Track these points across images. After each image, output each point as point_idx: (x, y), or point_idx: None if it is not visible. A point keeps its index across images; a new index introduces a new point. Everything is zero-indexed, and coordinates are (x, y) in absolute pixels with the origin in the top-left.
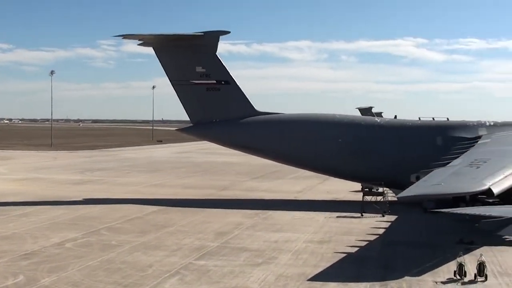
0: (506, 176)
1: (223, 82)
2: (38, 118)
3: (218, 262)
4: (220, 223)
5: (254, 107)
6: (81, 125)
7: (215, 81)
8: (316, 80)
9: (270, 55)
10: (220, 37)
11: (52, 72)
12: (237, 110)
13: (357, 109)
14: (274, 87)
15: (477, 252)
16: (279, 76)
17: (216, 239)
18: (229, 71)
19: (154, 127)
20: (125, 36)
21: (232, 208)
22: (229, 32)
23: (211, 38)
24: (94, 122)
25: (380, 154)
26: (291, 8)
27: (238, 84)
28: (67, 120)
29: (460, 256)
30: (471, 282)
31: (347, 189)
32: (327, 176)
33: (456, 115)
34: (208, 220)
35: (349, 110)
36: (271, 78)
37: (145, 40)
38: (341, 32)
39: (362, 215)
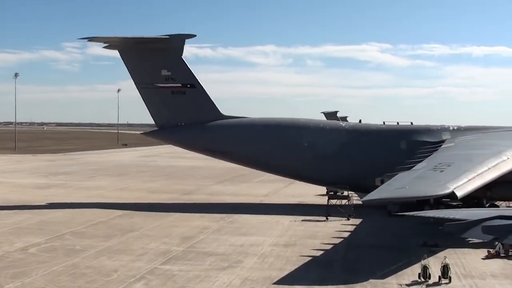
0: (469, 180)
1: (188, 86)
2: (1, 121)
3: (184, 267)
4: (186, 227)
5: (220, 111)
6: (45, 128)
7: (180, 85)
8: (281, 84)
9: (236, 59)
10: (186, 40)
11: (16, 75)
12: (203, 114)
13: (323, 114)
14: (239, 91)
15: (441, 254)
16: (245, 80)
17: (181, 243)
18: (194, 74)
19: (119, 131)
20: (91, 39)
21: (197, 212)
22: (195, 36)
23: (177, 41)
24: (59, 125)
25: (345, 158)
26: (256, 12)
27: (203, 87)
28: (31, 123)
29: (425, 258)
30: (435, 284)
31: (312, 193)
32: (293, 180)
33: (420, 120)
34: (173, 225)
35: (315, 114)
36: (237, 82)
37: (111, 43)
38: (306, 37)
39: (327, 218)
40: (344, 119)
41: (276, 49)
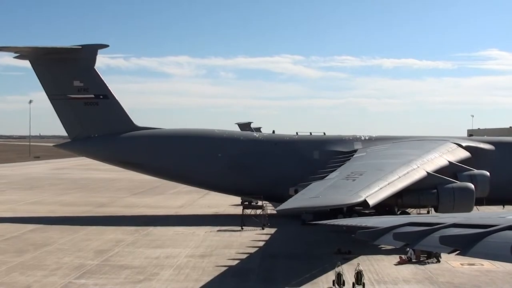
0: (381, 188)
1: (101, 97)
2: None
3: (99, 281)
4: (100, 240)
5: (134, 122)
6: None
7: (93, 96)
8: (195, 95)
9: (150, 69)
10: (99, 50)
11: None
12: (116, 125)
13: (237, 124)
14: (154, 102)
15: (355, 261)
16: (159, 91)
17: (96, 257)
18: (107, 85)
19: (31, 143)
20: (0, 48)
21: (112, 225)
22: (107, 46)
23: (89, 51)
24: None
25: (259, 168)
26: (170, 23)
27: (117, 98)
28: None
29: (338, 266)
30: None
31: (227, 203)
32: (208, 191)
33: (332, 130)
34: (88, 238)
35: (229, 125)
36: (151, 93)
37: (21, 53)
38: (219, 49)
39: (242, 228)
40: (258, 130)
41: (190, 60)
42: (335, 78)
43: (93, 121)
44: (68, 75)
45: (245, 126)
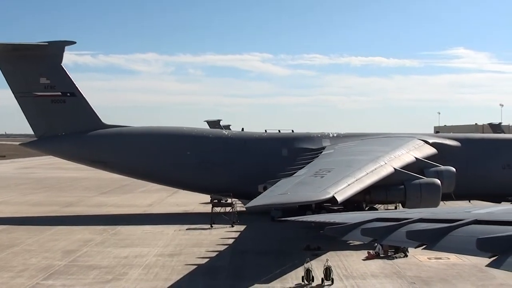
0: (349, 185)
1: (68, 94)
2: None
3: (67, 282)
4: (68, 240)
5: (101, 120)
6: None
7: (60, 93)
8: (164, 93)
9: (117, 66)
10: (66, 47)
11: None
12: (84, 123)
13: (206, 122)
14: (122, 100)
15: (324, 257)
16: (127, 89)
17: (64, 257)
18: (75, 82)
19: None
20: None
21: (80, 225)
22: (74, 43)
23: (56, 48)
24: None
25: (228, 165)
26: (138, 20)
27: (84, 96)
28: None
29: (307, 262)
30: (318, 286)
31: (196, 201)
32: (177, 189)
33: (301, 127)
34: (55, 238)
35: (198, 123)
36: (119, 90)
37: None
38: (187, 46)
39: (211, 226)
40: (227, 127)
41: (158, 57)
42: (303, 76)
43: (60, 119)
44: (34, 72)
45: (214, 124)
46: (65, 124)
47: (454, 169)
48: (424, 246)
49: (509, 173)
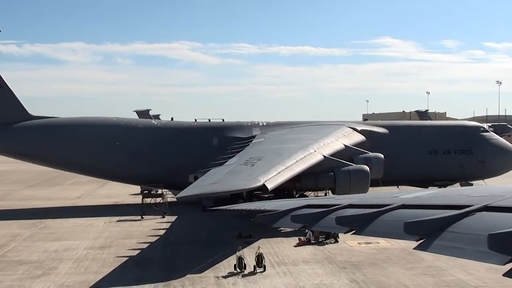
0: (279, 172)
1: None
2: None
3: None
4: None
5: (28, 111)
6: None
7: None
8: (92, 82)
9: (44, 56)
10: None
11: None
12: (9, 115)
13: (135, 112)
14: (49, 90)
15: (255, 245)
16: (54, 79)
17: None
18: None
19: None
20: None
21: (7, 219)
22: None
23: None
24: None
25: (158, 156)
26: (65, 8)
27: (9, 86)
28: None
29: (239, 250)
30: (251, 273)
31: (126, 193)
32: (106, 180)
33: (231, 116)
34: None
35: (127, 113)
36: (46, 80)
37: None
38: (116, 35)
39: (142, 217)
40: (156, 117)
41: (85, 46)
42: (233, 65)
43: None
44: None
45: (143, 114)
46: None
47: (382, 156)
48: (353, 231)
49: (435, 159)
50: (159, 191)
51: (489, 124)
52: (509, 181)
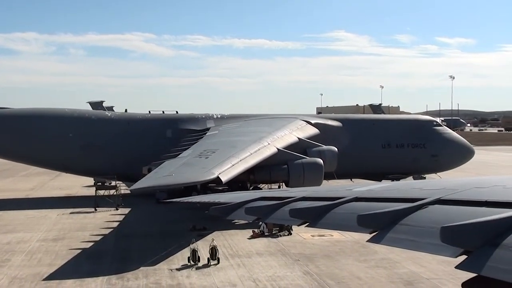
0: (233, 165)
1: None
2: None
3: None
4: None
5: None
6: None
7: None
8: (45, 73)
9: None
10: None
11: None
12: None
13: (88, 103)
14: (1, 81)
15: (209, 237)
16: (6, 69)
17: None
18: None
19: None
20: None
21: None
22: None
23: None
24: None
25: (111, 148)
26: None
27: None
28: None
29: (193, 242)
30: (205, 266)
31: (80, 184)
32: (59, 172)
33: (185, 109)
34: None
35: (80, 104)
36: None
37: None
38: (69, 25)
39: (95, 209)
40: (110, 108)
41: (38, 36)
42: (187, 57)
43: None
44: None
45: (97, 105)
46: None
47: (336, 149)
48: (307, 224)
49: (389, 152)
50: (113, 183)
51: (442, 119)
52: (462, 175)
